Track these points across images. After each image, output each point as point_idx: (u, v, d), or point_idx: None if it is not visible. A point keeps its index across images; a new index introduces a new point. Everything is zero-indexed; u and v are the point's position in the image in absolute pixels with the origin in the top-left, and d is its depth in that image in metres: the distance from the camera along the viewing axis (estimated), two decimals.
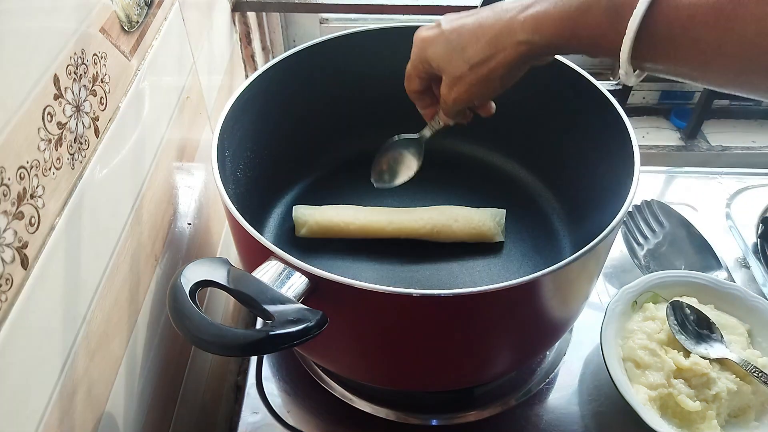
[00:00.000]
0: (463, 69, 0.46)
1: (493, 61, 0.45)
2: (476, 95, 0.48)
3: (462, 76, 0.47)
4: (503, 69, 0.45)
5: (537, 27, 0.42)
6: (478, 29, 0.45)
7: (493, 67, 0.45)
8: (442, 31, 0.47)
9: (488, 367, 0.53)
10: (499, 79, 0.46)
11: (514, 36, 0.43)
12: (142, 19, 0.50)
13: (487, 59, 0.45)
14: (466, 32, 0.46)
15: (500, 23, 0.44)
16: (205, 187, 0.67)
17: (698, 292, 0.62)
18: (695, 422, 0.54)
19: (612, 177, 0.54)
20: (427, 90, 0.53)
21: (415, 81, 0.52)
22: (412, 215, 0.64)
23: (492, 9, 0.45)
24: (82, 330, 0.41)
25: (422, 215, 0.64)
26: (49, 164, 0.36)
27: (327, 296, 0.41)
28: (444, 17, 0.48)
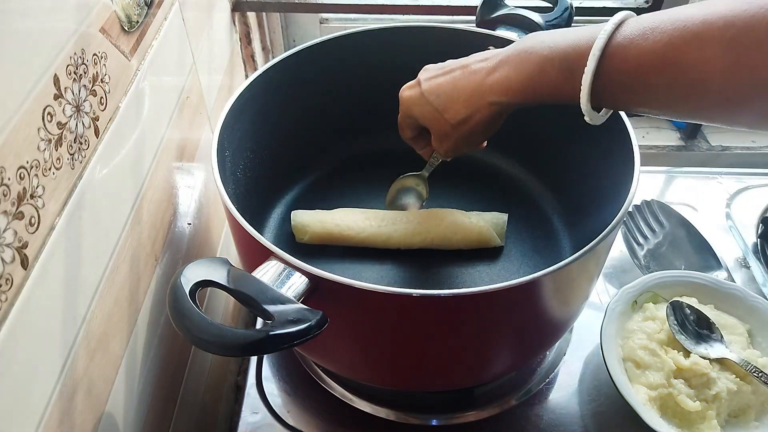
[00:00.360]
0: (447, 128, 0.51)
1: (472, 120, 0.49)
2: (464, 147, 0.53)
3: (447, 133, 0.51)
4: (482, 125, 0.49)
5: (503, 90, 0.46)
6: (453, 91, 0.49)
7: (474, 125, 0.49)
8: (422, 92, 0.51)
9: (488, 367, 0.53)
10: (481, 133, 0.50)
11: (485, 98, 0.47)
12: (142, 19, 0.50)
13: (466, 119, 0.49)
14: (443, 93, 0.50)
15: (471, 85, 0.48)
16: (205, 187, 0.67)
17: (698, 292, 0.62)
18: (695, 422, 0.54)
19: (612, 177, 0.54)
20: (421, 134, 0.56)
21: (407, 131, 0.56)
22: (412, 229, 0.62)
23: (462, 69, 0.49)
24: (82, 330, 0.41)
25: (420, 229, 0.62)
26: (49, 164, 0.36)
27: (327, 296, 0.41)
28: (423, 72, 0.52)
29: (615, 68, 0.39)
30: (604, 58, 0.39)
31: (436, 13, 0.83)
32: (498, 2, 0.67)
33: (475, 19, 0.67)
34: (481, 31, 0.64)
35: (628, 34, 0.38)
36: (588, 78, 0.39)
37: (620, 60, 0.38)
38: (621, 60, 0.38)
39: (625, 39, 0.38)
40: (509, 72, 0.45)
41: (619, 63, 0.39)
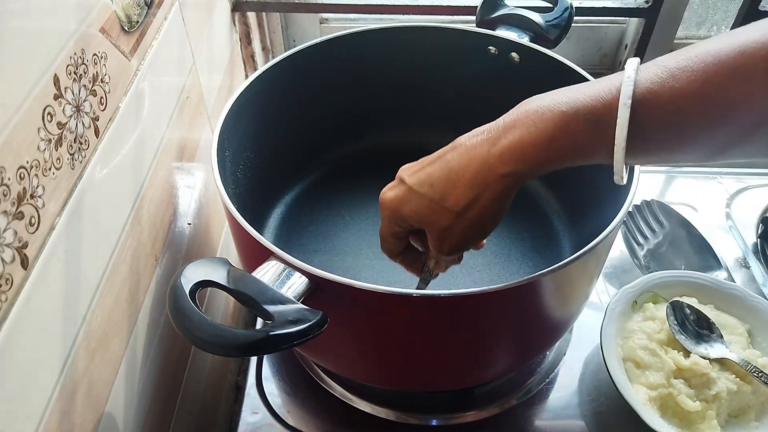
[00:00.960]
0: (450, 219, 0.42)
1: (481, 202, 0.41)
2: (471, 239, 0.44)
3: (450, 226, 0.43)
4: (493, 206, 0.42)
5: (518, 157, 0.39)
6: (450, 175, 0.41)
7: (482, 208, 0.41)
8: (409, 187, 0.43)
9: (488, 367, 0.53)
10: (490, 217, 0.43)
11: (495, 171, 0.40)
12: (142, 19, 0.50)
13: (473, 202, 0.41)
14: (437, 181, 0.42)
15: (474, 162, 0.40)
16: (205, 187, 0.67)
17: (698, 292, 0.62)
18: (695, 422, 0.54)
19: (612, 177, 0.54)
20: (408, 247, 0.49)
21: (394, 244, 0.48)
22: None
23: (454, 150, 0.42)
24: (82, 330, 0.41)
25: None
26: (49, 164, 0.36)
27: (327, 296, 0.41)
28: (403, 171, 0.45)
29: (651, 117, 0.35)
30: (637, 107, 0.34)
31: (436, 13, 0.83)
32: (498, 2, 0.67)
33: (475, 19, 0.67)
34: (481, 31, 0.64)
35: (655, 78, 0.35)
36: (623, 132, 0.35)
37: (655, 107, 0.34)
38: (656, 107, 0.34)
39: (653, 83, 0.34)
40: (522, 135, 0.38)
41: (654, 111, 0.34)
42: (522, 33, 0.63)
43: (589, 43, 0.96)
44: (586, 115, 0.36)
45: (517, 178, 0.40)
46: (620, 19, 0.93)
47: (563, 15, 0.65)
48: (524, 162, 0.39)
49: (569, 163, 0.39)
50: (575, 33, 0.94)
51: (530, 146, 0.38)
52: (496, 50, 0.63)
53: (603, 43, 0.96)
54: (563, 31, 0.64)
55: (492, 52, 0.64)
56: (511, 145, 0.39)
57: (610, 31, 0.95)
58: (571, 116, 0.37)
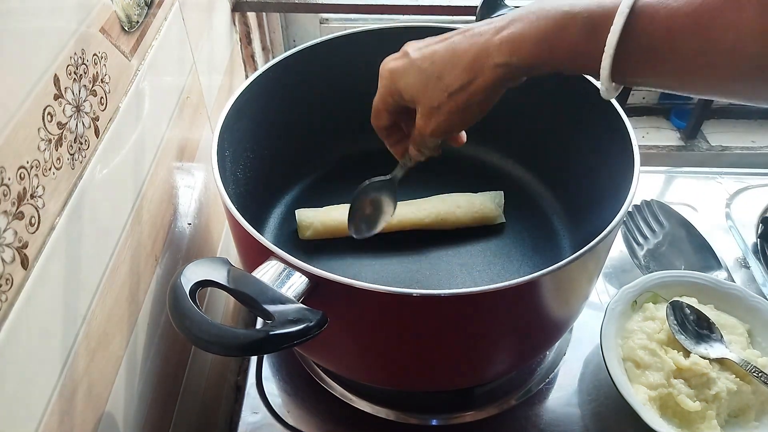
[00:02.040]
0: (442, 97, 0.44)
1: (473, 86, 0.43)
2: (456, 124, 0.46)
3: (440, 105, 0.45)
4: (482, 94, 0.43)
5: (514, 49, 0.40)
6: (452, 56, 0.43)
7: (473, 92, 0.43)
8: (412, 60, 0.45)
9: (488, 367, 0.53)
10: (477, 104, 0.44)
11: (491, 59, 0.41)
12: (142, 19, 0.50)
13: (467, 85, 0.43)
14: (440, 59, 0.44)
15: (475, 47, 0.42)
16: (205, 187, 0.67)
17: (698, 292, 0.62)
18: (695, 422, 0.54)
19: (612, 177, 0.54)
20: (396, 125, 0.51)
21: (384, 116, 0.50)
22: (416, 206, 0.65)
23: (463, 34, 0.44)
24: (82, 330, 0.41)
25: (425, 206, 0.65)
26: (49, 164, 0.36)
27: (327, 296, 0.41)
28: (409, 45, 0.46)
29: (643, 29, 0.36)
30: (633, 16, 0.36)
31: (436, 13, 0.83)
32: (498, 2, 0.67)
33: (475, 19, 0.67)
34: None
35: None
36: (614, 38, 0.36)
37: (649, 20, 0.36)
38: (650, 20, 0.36)
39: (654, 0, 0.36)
40: (522, 28, 0.40)
41: (647, 24, 0.36)
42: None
43: None
44: (585, 17, 0.38)
45: (509, 70, 0.41)
46: None
47: None
48: (519, 55, 0.40)
49: (560, 66, 0.40)
50: None
51: (528, 40, 0.40)
52: None
53: None
54: None
55: None
56: (510, 36, 0.40)
57: None
58: (570, 17, 0.38)
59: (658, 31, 0.36)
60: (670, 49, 0.36)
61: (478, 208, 0.65)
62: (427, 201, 0.66)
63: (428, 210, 0.64)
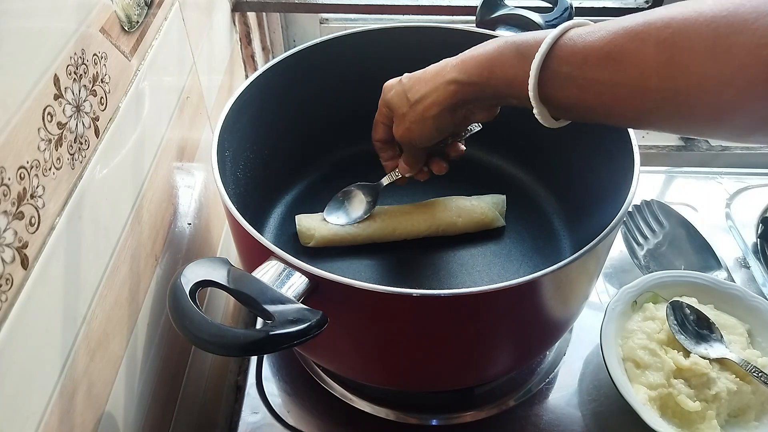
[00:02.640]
0: (406, 107, 0.51)
1: (429, 99, 0.48)
2: (415, 133, 0.51)
3: (404, 114, 0.51)
4: (436, 108, 0.48)
5: (463, 67, 0.46)
6: (425, 73, 0.50)
7: (428, 105, 0.49)
8: (400, 79, 0.52)
9: (488, 367, 0.53)
10: (432, 118, 0.49)
11: (446, 76, 0.47)
12: (142, 19, 0.50)
13: (424, 97, 0.49)
14: (416, 77, 0.50)
15: (438, 67, 0.49)
16: (205, 187, 0.67)
17: (698, 292, 0.62)
18: (695, 422, 0.54)
19: (612, 177, 0.54)
20: (391, 141, 0.57)
21: (380, 129, 0.57)
22: (416, 217, 0.64)
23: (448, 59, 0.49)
24: (82, 330, 0.41)
25: (425, 216, 0.64)
26: (49, 164, 0.36)
27: (327, 296, 0.41)
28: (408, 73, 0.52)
29: (562, 58, 0.40)
30: (555, 47, 0.40)
31: (436, 13, 0.83)
32: (498, 2, 0.67)
33: (475, 19, 0.67)
34: (481, 31, 0.64)
35: (582, 32, 0.41)
36: (537, 62, 0.41)
37: (568, 51, 0.40)
38: (569, 51, 0.40)
39: (577, 35, 0.40)
40: (474, 50, 0.46)
41: (567, 53, 0.40)
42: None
43: None
44: (519, 46, 0.43)
45: (458, 87, 0.47)
46: None
47: (563, 15, 0.65)
48: (465, 72, 0.46)
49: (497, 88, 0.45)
50: None
51: (474, 59, 0.46)
52: None
53: None
54: None
55: None
56: (462, 58, 0.47)
57: None
58: (509, 44, 0.44)
59: (575, 61, 0.40)
60: (586, 79, 0.40)
61: (479, 218, 0.64)
62: (426, 209, 0.64)
63: (428, 222, 0.63)
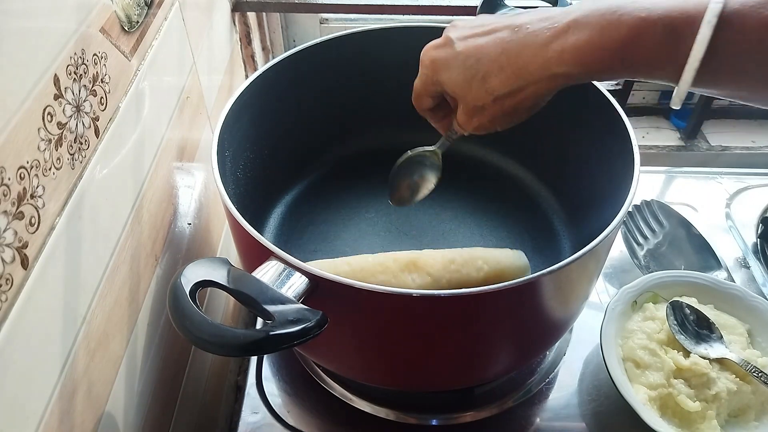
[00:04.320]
0: (486, 100, 0.41)
1: (522, 94, 0.40)
2: (499, 125, 0.43)
3: (484, 107, 0.41)
4: (531, 101, 0.40)
5: (579, 58, 0.36)
6: (500, 55, 0.39)
7: (521, 100, 0.40)
8: (456, 53, 0.41)
9: (488, 367, 0.53)
10: (525, 110, 0.41)
11: (549, 69, 0.38)
12: (142, 19, 0.50)
13: (515, 91, 0.40)
14: (486, 57, 0.40)
15: (528, 51, 0.38)
16: (205, 187, 0.67)
17: (698, 292, 0.62)
18: (695, 422, 0.54)
19: (612, 177, 0.54)
20: (440, 104, 0.48)
21: (426, 100, 0.47)
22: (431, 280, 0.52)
23: (513, 30, 0.39)
24: (82, 330, 0.41)
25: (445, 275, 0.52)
26: (49, 164, 0.36)
27: (327, 296, 0.41)
28: (454, 30, 0.43)
29: (732, 41, 0.32)
30: (720, 26, 0.32)
31: (436, 13, 0.83)
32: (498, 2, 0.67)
33: None
34: None
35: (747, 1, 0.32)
36: (701, 50, 0.33)
37: (738, 31, 0.32)
38: (739, 31, 0.32)
39: (744, 6, 0.32)
40: (590, 36, 0.36)
41: (736, 35, 0.32)
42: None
43: None
44: (666, 26, 0.34)
45: (568, 79, 0.38)
46: None
47: None
48: (584, 65, 0.36)
49: (632, 74, 0.37)
50: None
51: (597, 48, 0.36)
52: None
53: None
54: None
55: None
56: (576, 44, 0.36)
57: None
58: (649, 24, 0.34)
59: (748, 42, 0.32)
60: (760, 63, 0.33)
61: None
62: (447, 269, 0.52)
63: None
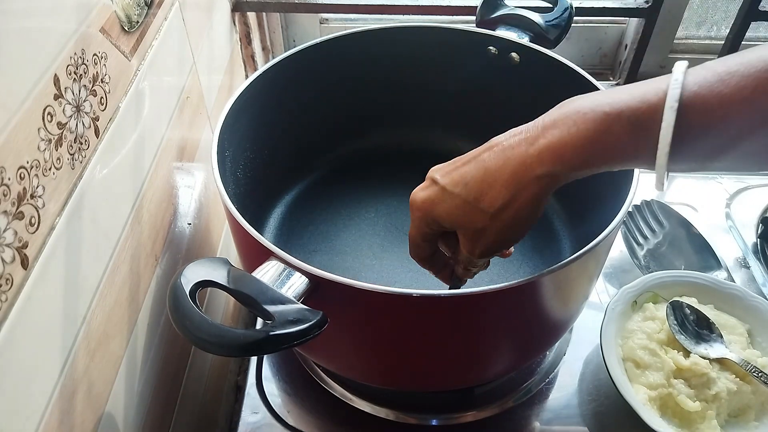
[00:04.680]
0: (485, 220, 0.42)
1: (516, 203, 0.40)
2: (506, 241, 0.44)
3: (485, 228, 0.42)
4: (528, 208, 0.41)
5: (556, 157, 0.38)
6: (486, 175, 0.41)
7: (518, 209, 0.41)
8: (442, 187, 0.42)
9: (488, 368, 0.53)
10: (525, 219, 0.42)
11: (532, 172, 0.39)
12: (142, 19, 0.50)
13: (509, 203, 0.40)
14: (472, 181, 0.41)
15: (511, 162, 0.40)
16: (205, 187, 0.67)
17: (698, 292, 0.62)
18: (695, 422, 0.54)
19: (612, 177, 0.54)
20: (436, 252, 0.48)
21: (424, 247, 0.47)
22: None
23: (490, 150, 0.41)
24: (82, 330, 0.41)
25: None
26: (49, 164, 0.36)
27: (327, 296, 0.41)
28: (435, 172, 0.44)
29: (697, 123, 0.33)
30: (683, 110, 0.33)
31: (436, 13, 0.83)
32: (498, 2, 0.67)
33: (475, 19, 0.67)
34: (481, 31, 0.64)
35: (703, 82, 0.33)
36: (668, 136, 0.34)
37: (701, 112, 0.33)
38: (702, 112, 0.33)
39: (701, 87, 0.33)
40: (561, 135, 0.37)
41: (700, 116, 0.33)
42: (522, 33, 0.63)
43: (589, 44, 0.96)
44: (630, 117, 0.35)
45: (554, 179, 0.39)
46: (620, 19, 0.93)
47: (563, 15, 0.65)
48: (562, 163, 0.38)
49: (608, 166, 0.38)
50: (575, 33, 0.94)
51: (569, 147, 0.37)
52: (496, 50, 0.63)
53: (603, 43, 0.96)
54: (563, 31, 0.64)
55: (492, 52, 0.64)
56: (549, 145, 0.38)
57: (609, 32, 0.95)
58: (613, 117, 0.36)
59: (713, 121, 0.33)
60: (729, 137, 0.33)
61: None
62: None
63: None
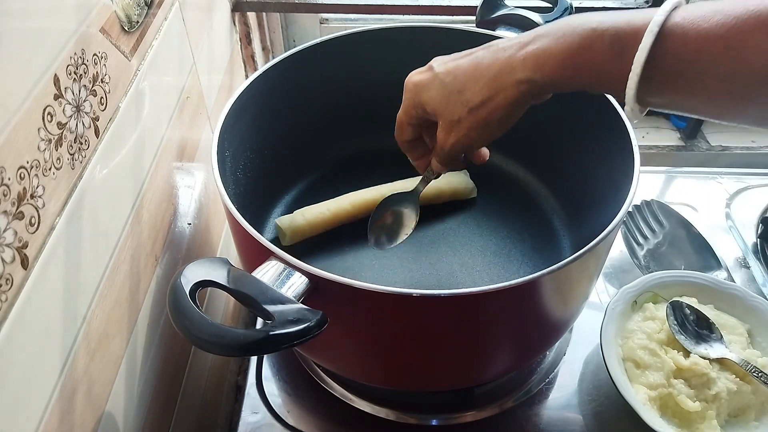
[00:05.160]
0: (462, 112, 0.44)
1: (493, 103, 0.43)
2: (475, 139, 0.46)
3: (460, 119, 0.45)
4: (503, 110, 0.43)
5: (538, 65, 0.40)
6: (474, 70, 0.43)
7: (493, 109, 0.43)
8: (435, 74, 0.45)
9: (488, 367, 0.53)
10: (497, 122, 0.44)
11: (514, 75, 0.41)
12: (142, 19, 0.50)
13: (487, 101, 0.43)
14: (462, 74, 0.44)
15: (498, 62, 0.42)
16: (205, 187, 0.67)
17: (698, 292, 0.62)
18: (695, 422, 0.54)
19: (612, 177, 0.54)
20: (419, 139, 0.51)
21: (407, 130, 0.50)
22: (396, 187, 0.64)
23: (487, 48, 0.44)
24: (82, 330, 0.41)
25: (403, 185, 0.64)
26: (49, 164, 0.36)
27: (327, 296, 0.41)
28: (435, 60, 0.46)
29: (672, 50, 0.35)
30: (661, 36, 0.35)
31: (436, 13, 0.83)
32: (498, 2, 0.67)
33: (475, 19, 0.67)
34: (481, 31, 0.64)
35: (688, 16, 0.35)
36: (642, 57, 0.35)
37: (678, 41, 0.34)
38: (679, 41, 0.34)
39: (684, 20, 0.35)
40: (548, 44, 0.39)
41: (676, 44, 0.34)
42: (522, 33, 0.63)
43: None
44: (613, 35, 0.37)
45: (532, 85, 0.41)
46: None
47: (563, 15, 0.65)
48: (542, 71, 0.39)
49: (585, 84, 0.39)
50: None
51: (551, 57, 0.39)
52: None
53: None
54: None
55: None
56: (536, 51, 0.40)
57: None
58: (597, 34, 0.37)
59: (687, 52, 0.34)
60: (698, 72, 0.35)
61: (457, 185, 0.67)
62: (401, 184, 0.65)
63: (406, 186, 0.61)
